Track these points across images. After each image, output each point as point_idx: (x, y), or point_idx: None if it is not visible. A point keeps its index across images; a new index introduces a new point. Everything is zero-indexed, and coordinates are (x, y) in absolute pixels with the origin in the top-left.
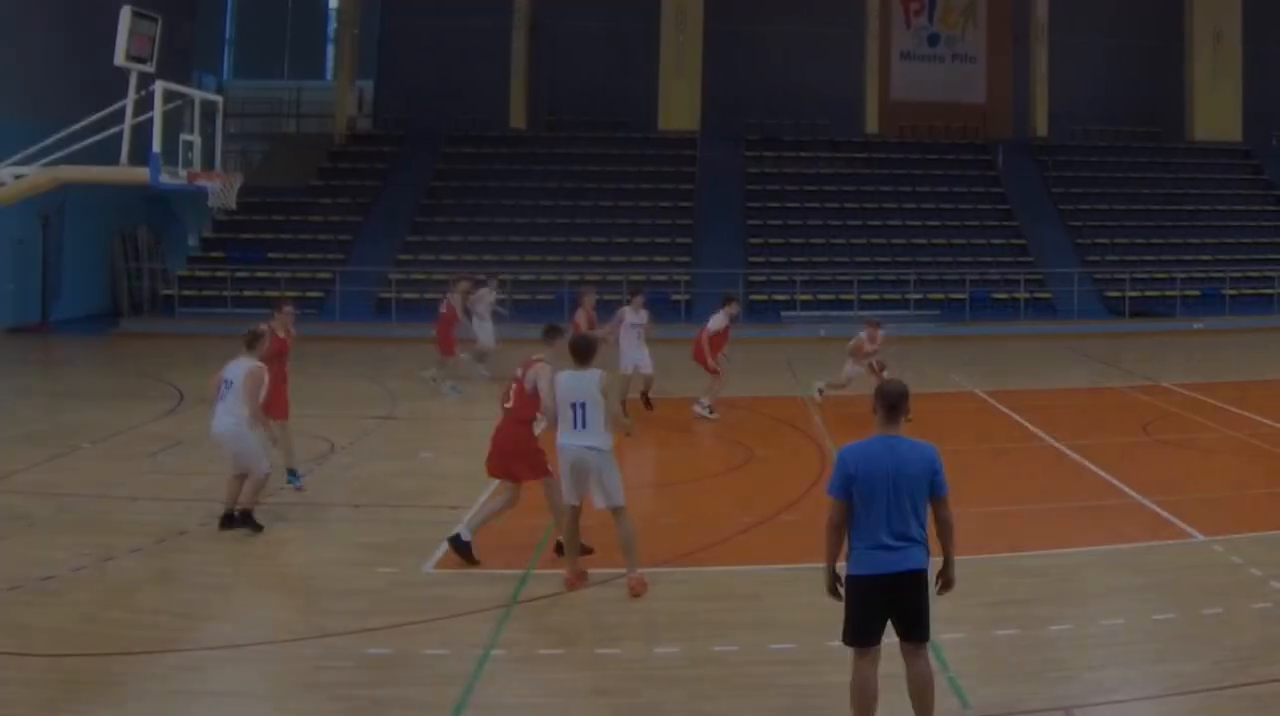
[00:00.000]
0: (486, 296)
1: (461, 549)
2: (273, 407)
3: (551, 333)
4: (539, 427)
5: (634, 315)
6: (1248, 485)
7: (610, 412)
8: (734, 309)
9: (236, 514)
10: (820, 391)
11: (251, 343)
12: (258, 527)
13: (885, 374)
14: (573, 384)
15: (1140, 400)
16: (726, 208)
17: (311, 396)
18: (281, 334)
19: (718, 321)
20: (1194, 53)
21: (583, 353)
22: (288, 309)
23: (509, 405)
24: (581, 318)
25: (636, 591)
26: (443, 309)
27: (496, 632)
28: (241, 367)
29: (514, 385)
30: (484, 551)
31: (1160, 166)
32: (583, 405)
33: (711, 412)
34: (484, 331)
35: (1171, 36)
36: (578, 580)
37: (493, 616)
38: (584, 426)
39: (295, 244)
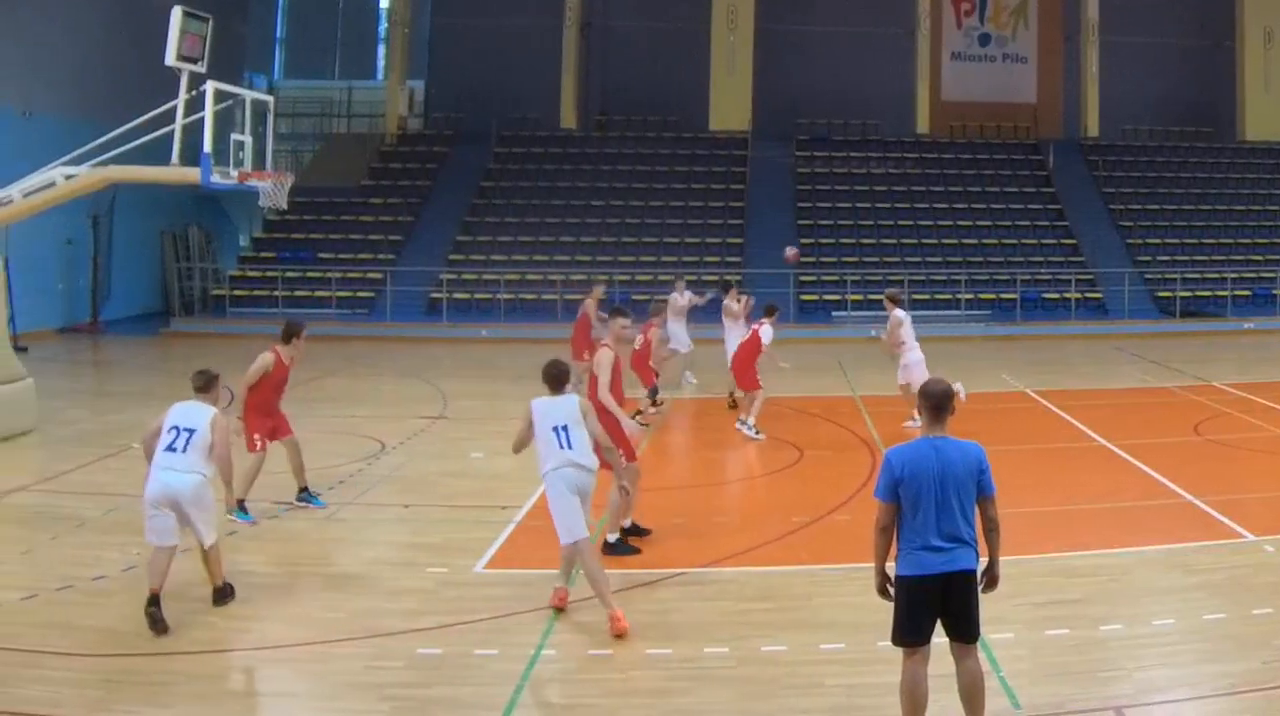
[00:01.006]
0: (678, 300)
1: (618, 547)
2: (279, 428)
3: (614, 313)
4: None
5: (735, 304)
6: None
7: (594, 434)
8: (775, 317)
9: (222, 587)
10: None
11: (205, 387)
12: (229, 595)
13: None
14: (551, 408)
15: (1191, 400)
16: (777, 208)
17: (362, 396)
18: (287, 362)
19: (770, 333)
20: (1245, 52)
21: (557, 381)
22: (303, 337)
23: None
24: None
25: (559, 604)
26: (580, 314)
27: (546, 632)
28: (203, 417)
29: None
30: (534, 551)
31: (1211, 166)
32: (565, 428)
33: (759, 432)
34: (679, 336)
35: (1222, 36)
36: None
37: (543, 616)
38: (570, 447)
39: (346, 244)
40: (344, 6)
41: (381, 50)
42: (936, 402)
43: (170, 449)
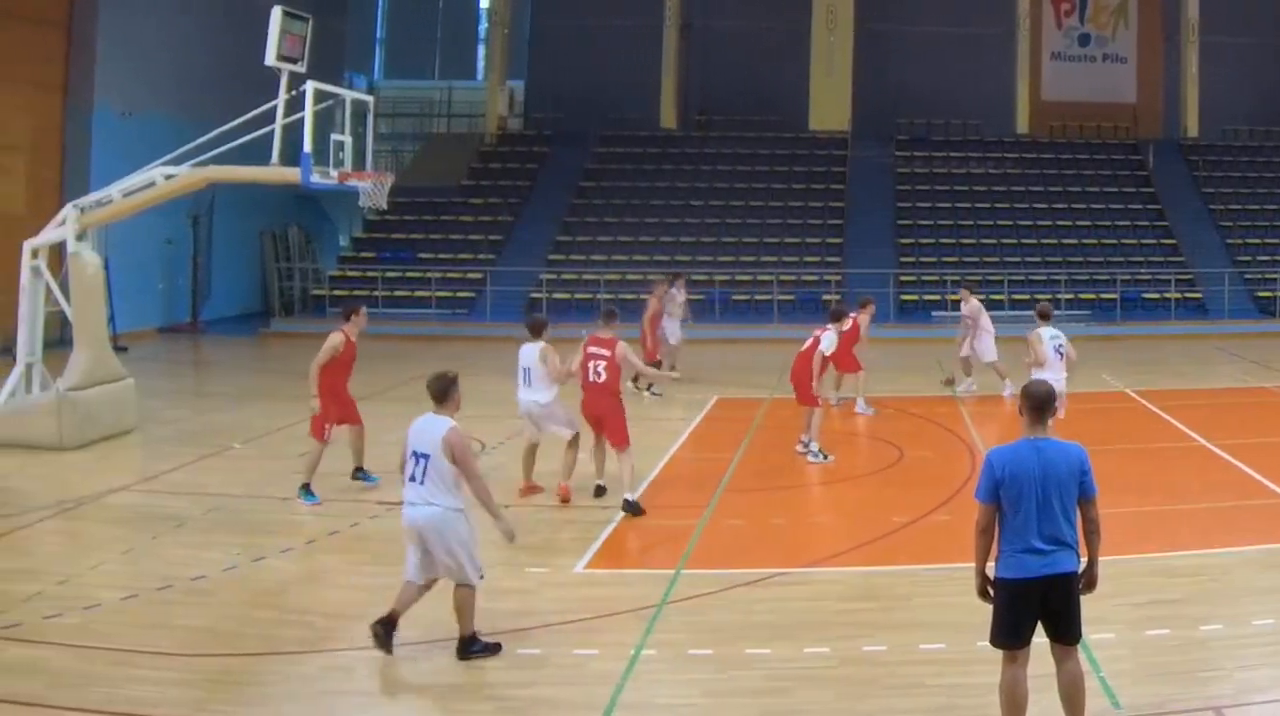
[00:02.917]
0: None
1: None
2: (348, 414)
3: (610, 316)
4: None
5: (967, 307)
6: None
7: (554, 373)
8: (845, 325)
9: (469, 640)
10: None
11: (442, 395)
12: (494, 648)
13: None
14: (523, 353)
15: None
16: (877, 207)
17: (463, 396)
18: (354, 338)
19: (831, 341)
20: None
21: (537, 328)
22: (364, 311)
23: (603, 379)
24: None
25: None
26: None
27: (646, 632)
28: (435, 436)
29: (603, 362)
30: (635, 552)
31: None
32: (529, 369)
33: (827, 456)
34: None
35: None
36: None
37: (643, 616)
38: (530, 384)
39: (446, 244)
40: (444, 7)
41: (481, 50)
42: (1038, 404)
43: (412, 479)
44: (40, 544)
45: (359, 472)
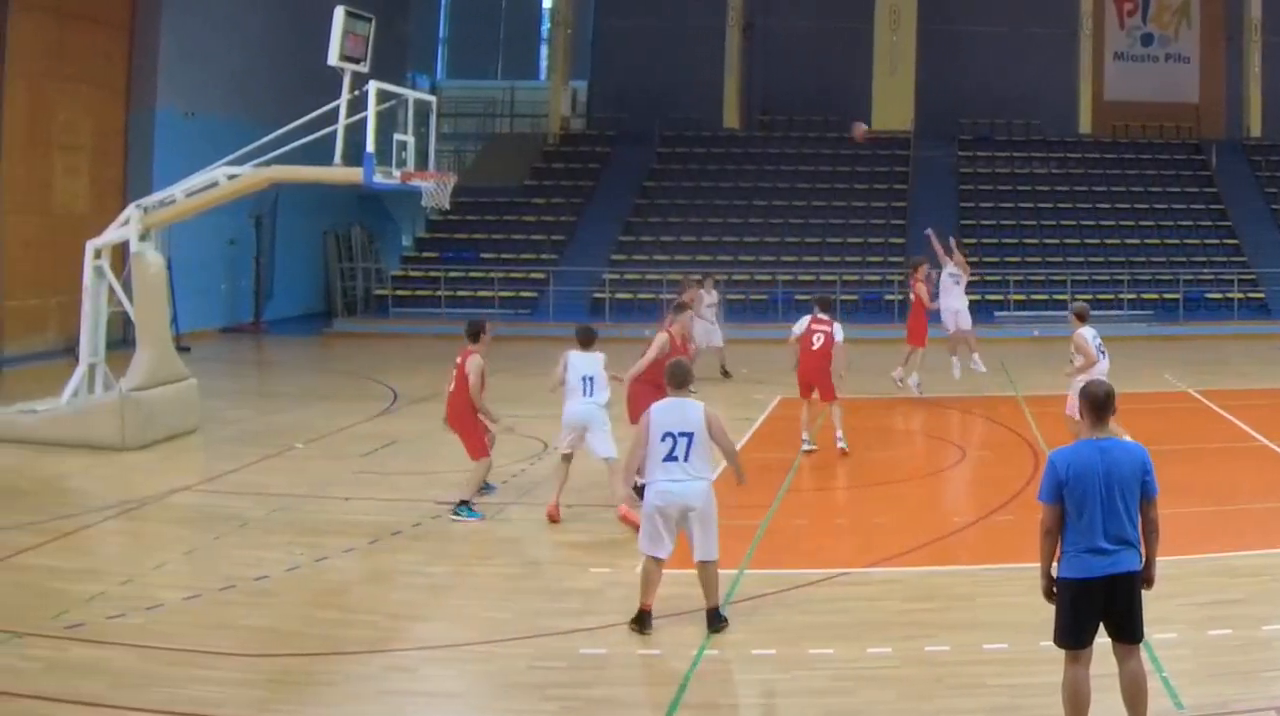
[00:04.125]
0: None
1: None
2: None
3: (680, 308)
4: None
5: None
6: None
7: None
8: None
9: (717, 611)
10: None
11: (686, 379)
12: (720, 622)
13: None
14: (581, 361)
15: None
16: (940, 207)
17: (524, 396)
18: (485, 355)
19: (841, 329)
20: None
21: (588, 339)
22: (490, 326)
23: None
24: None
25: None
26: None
27: (709, 632)
28: (696, 416)
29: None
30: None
31: None
32: (592, 378)
33: (815, 445)
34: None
35: None
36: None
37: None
38: (591, 393)
39: (509, 244)
40: (507, 7)
41: (544, 50)
42: (1098, 404)
43: (670, 458)
44: (103, 544)
45: (462, 506)
